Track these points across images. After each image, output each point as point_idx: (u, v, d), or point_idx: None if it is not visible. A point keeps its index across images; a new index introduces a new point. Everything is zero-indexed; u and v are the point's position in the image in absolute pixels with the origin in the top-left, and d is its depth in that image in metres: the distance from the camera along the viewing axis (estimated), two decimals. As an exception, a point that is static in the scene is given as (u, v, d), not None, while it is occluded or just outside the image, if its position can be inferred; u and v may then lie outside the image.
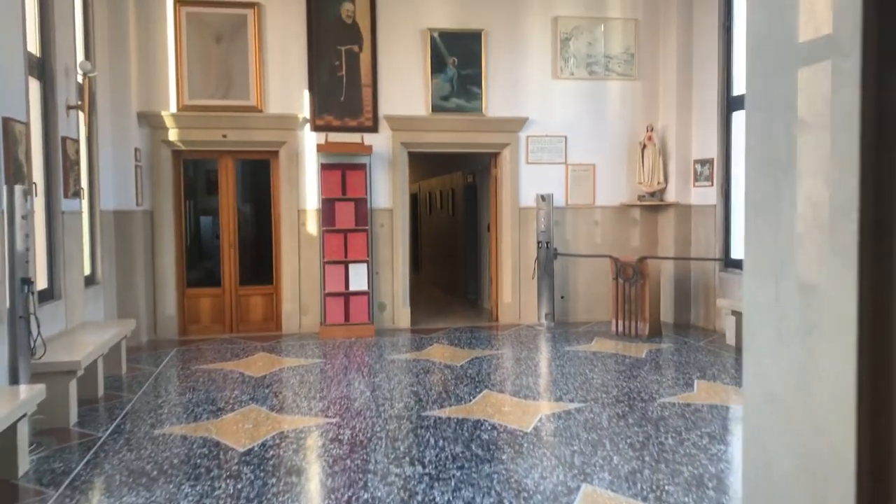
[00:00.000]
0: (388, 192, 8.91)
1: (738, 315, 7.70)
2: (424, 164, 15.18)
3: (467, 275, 11.81)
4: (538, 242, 9.02)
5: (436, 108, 8.89)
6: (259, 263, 9.01)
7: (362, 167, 8.66)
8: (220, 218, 8.80)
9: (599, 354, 7.38)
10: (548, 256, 8.97)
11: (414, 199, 16.76)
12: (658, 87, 9.42)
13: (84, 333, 6.20)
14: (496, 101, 9.05)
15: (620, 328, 8.41)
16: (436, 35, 8.84)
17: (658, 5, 9.35)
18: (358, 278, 8.61)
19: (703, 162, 8.89)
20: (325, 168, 8.57)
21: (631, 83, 9.38)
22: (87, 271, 7.22)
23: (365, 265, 8.63)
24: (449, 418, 5.19)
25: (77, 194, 6.60)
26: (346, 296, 8.60)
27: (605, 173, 9.40)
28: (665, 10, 9.26)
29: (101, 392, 5.98)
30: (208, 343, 8.25)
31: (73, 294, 6.40)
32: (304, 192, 8.72)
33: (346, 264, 8.59)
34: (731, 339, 7.81)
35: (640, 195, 9.39)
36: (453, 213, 12.73)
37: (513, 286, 9.27)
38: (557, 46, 9.15)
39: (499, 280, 9.49)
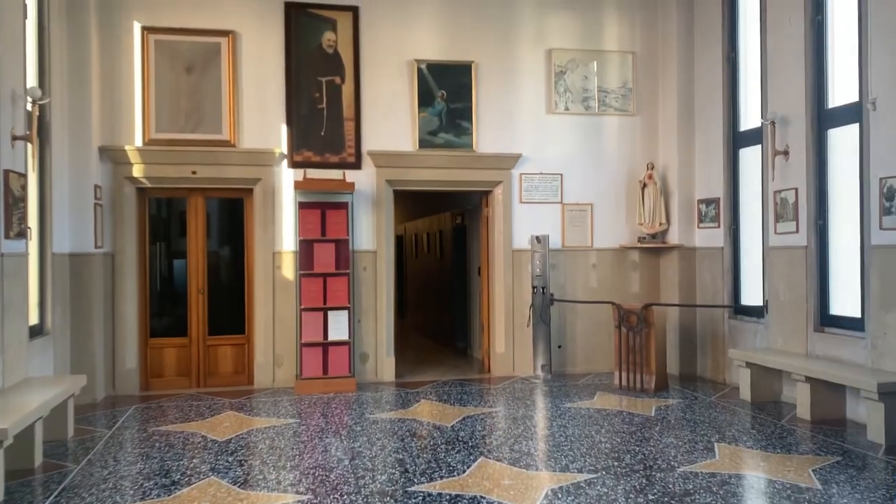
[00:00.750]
0: (371, 232, 8.26)
1: (753, 367, 7.05)
2: (410, 204, 14.61)
3: (456, 322, 11.11)
4: (533, 287, 8.37)
5: (423, 144, 8.31)
6: (230, 310, 8.26)
7: (343, 206, 8.01)
8: (188, 261, 8.08)
9: (604, 412, 6.68)
10: (543, 302, 8.31)
11: (399, 242, 16.15)
12: (658, 123, 8.91)
13: (24, 393, 5.43)
14: (487, 136, 8.49)
15: (624, 381, 7.73)
16: (423, 67, 8.31)
17: (656, 38, 8.90)
18: (338, 327, 7.89)
19: (707, 202, 8.34)
20: (303, 207, 7.92)
21: (629, 119, 8.87)
22: (33, 321, 6.46)
23: (346, 312, 7.92)
24: (440, 494, 4.45)
25: (22, 234, 5.88)
26: (325, 346, 7.87)
27: (604, 213, 8.82)
28: (664, 42, 8.81)
29: (38, 461, 5.19)
30: (172, 399, 7.46)
31: (13, 347, 5.63)
32: (280, 233, 8.05)
33: (324, 311, 7.88)
34: (745, 393, 7.14)
35: (641, 237, 8.80)
36: (441, 255, 12.09)
37: (506, 335, 8.58)
38: (552, 80, 8.65)
39: (491, 328, 8.80)
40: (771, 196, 7.23)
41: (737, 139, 8.04)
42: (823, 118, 6.72)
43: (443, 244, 11.95)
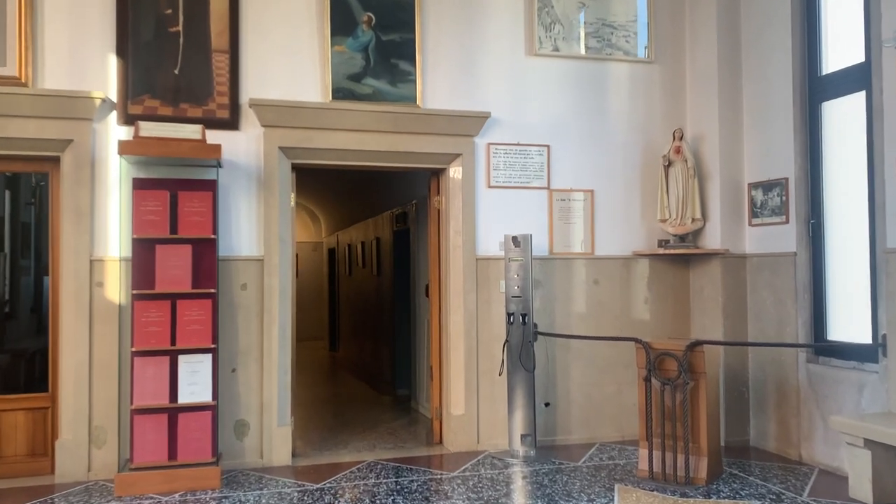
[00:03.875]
0: (255, 229, 5.25)
1: (875, 448, 4.24)
2: (339, 204, 11.62)
3: (397, 360, 8.13)
4: (508, 315, 5.47)
5: (339, 94, 5.38)
6: (22, 354, 5.16)
7: (208, 186, 5.00)
8: (-46, 274, 4.97)
9: (645, 539, 3.77)
10: (524, 338, 5.41)
11: (331, 256, 13.17)
12: (686, 73, 6.16)
13: None
14: (439, 86, 5.61)
15: (657, 465, 4.83)
16: (340, -24, 5.41)
17: (683, -48, 6.19)
18: (195, 381, 4.84)
19: (767, 186, 5.58)
20: (140, 187, 4.89)
21: (645, 67, 6.10)
22: None
23: (208, 357, 4.88)
24: None
25: None
26: (173, 413, 4.80)
27: (610, 205, 6.00)
28: (695, -43, 6.09)
29: None
30: None
31: None
32: (103, 229, 4.99)
33: (173, 356, 4.83)
34: (861, 490, 4.32)
35: (664, 240, 6.00)
36: (378, 271, 9.12)
37: (467, 387, 5.63)
38: (534, 6, 5.82)
39: (444, 377, 5.84)
40: (891, 169, 4.48)
41: (816, 88, 5.31)
42: None
43: (380, 256, 8.99)
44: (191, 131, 4.79)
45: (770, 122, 5.56)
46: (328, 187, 10.79)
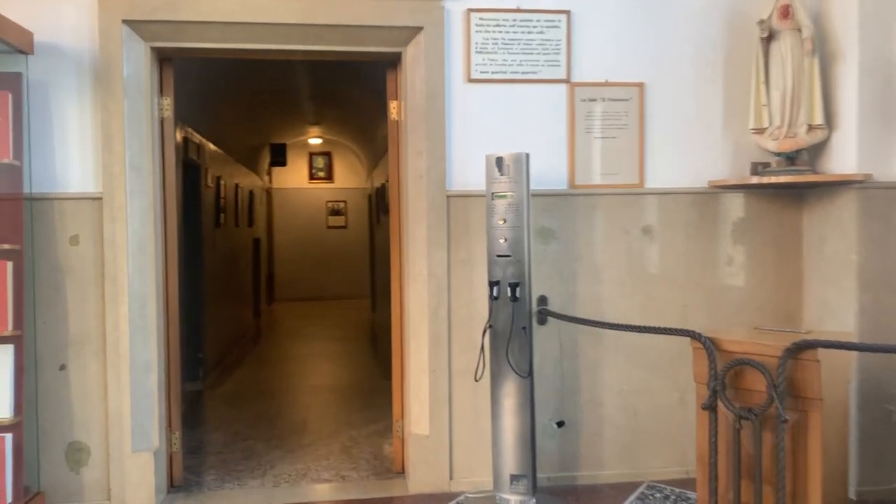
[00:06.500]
0: (91, 153, 3.41)
1: None
2: (371, 136, 9.71)
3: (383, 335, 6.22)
4: (490, 285, 3.39)
5: (221, -63, 3.39)
6: None
7: (6, 83, 3.19)
8: None
9: None
10: (515, 319, 3.33)
11: (369, 203, 11.38)
12: None
13: None
14: (383, -82, 3.53)
15: (726, 557, 2.72)
16: None
17: None
18: (-17, 387, 3.13)
19: (947, 61, 3.18)
20: None
21: None
22: None
23: (8, 351, 3.14)
24: None
25: None
26: (-53, 436, 3.12)
27: (670, 107, 3.76)
28: None
29: None
30: None
31: None
32: None
33: (-53, 349, 3.13)
34: None
35: (761, 163, 3.74)
36: (376, 219, 7.20)
37: (432, 395, 3.65)
38: None
39: (406, 377, 3.88)
40: None
41: None
42: None
43: (377, 198, 7.05)
44: (-56, -11, 2.96)
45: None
46: (360, 114, 8.88)
